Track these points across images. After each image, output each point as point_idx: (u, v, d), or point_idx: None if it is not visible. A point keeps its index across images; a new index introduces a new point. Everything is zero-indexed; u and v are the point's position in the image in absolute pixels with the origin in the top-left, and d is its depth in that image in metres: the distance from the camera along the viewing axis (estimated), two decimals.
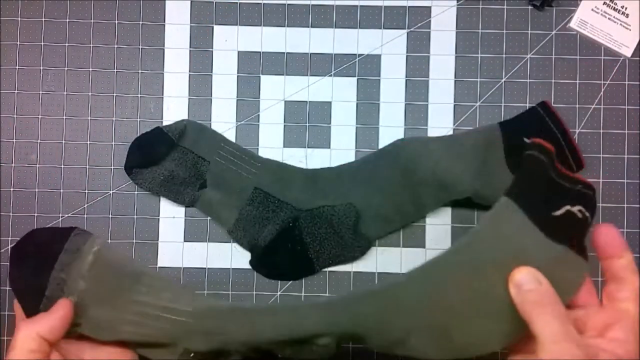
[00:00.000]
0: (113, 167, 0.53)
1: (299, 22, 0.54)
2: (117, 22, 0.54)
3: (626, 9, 0.53)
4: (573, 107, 0.53)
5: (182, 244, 0.53)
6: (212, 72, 0.53)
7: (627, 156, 0.52)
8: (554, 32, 0.53)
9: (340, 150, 0.53)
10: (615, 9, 0.53)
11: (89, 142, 0.53)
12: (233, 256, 0.52)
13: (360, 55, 0.53)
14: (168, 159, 0.51)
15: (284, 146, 0.53)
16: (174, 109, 0.53)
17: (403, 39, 0.53)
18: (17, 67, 0.53)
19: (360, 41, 0.53)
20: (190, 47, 0.54)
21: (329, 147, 0.53)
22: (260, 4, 0.54)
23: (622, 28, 0.53)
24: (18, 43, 0.53)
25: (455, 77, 0.53)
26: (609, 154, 0.52)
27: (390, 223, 0.52)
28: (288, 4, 0.54)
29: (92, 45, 0.54)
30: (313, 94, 0.53)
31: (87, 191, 0.53)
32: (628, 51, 0.53)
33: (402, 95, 0.53)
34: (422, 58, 0.53)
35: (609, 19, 0.53)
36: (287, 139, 0.53)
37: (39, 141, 0.53)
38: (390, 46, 0.53)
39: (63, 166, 0.53)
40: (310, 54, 0.53)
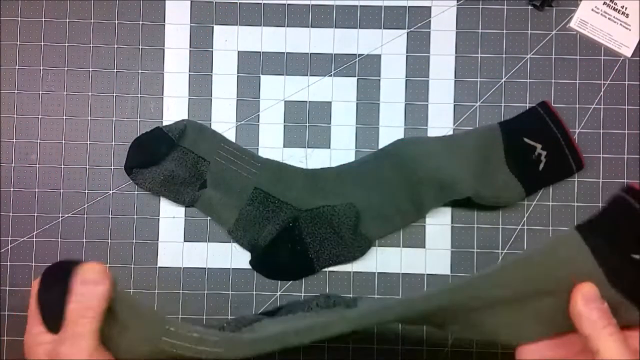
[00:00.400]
0: (113, 167, 0.53)
1: (299, 22, 0.54)
2: (117, 22, 0.54)
3: (626, 9, 0.53)
4: (573, 107, 0.53)
5: (182, 244, 0.53)
6: (212, 72, 0.53)
7: (627, 156, 0.52)
8: (554, 32, 0.53)
9: (340, 150, 0.53)
10: (615, 9, 0.53)
11: (89, 142, 0.53)
12: (233, 256, 0.52)
13: (360, 55, 0.53)
14: (168, 159, 0.51)
15: (284, 146, 0.53)
16: (174, 109, 0.53)
17: (403, 39, 0.53)
18: (17, 67, 0.53)
19: (360, 41, 0.53)
20: (190, 47, 0.54)
21: (329, 147, 0.53)
22: (260, 4, 0.54)
23: (622, 28, 0.53)
24: (18, 43, 0.53)
25: (455, 77, 0.53)
26: (609, 154, 0.52)
27: (390, 223, 0.52)
28: (288, 4, 0.54)
29: (92, 45, 0.54)
30: (313, 94, 0.53)
31: (87, 191, 0.53)
32: (628, 51, 0.53)
33: (402, 95, 0.53)
34: (422, 58, 0.53)
35: (609, 19, 0.53)
36: (287, 139, 0.53)
37: (39, 141, 0.53)
38: (390, 46, 0.53)
39: (63, 166, 0.53)
40: (310, 54, 0.53)
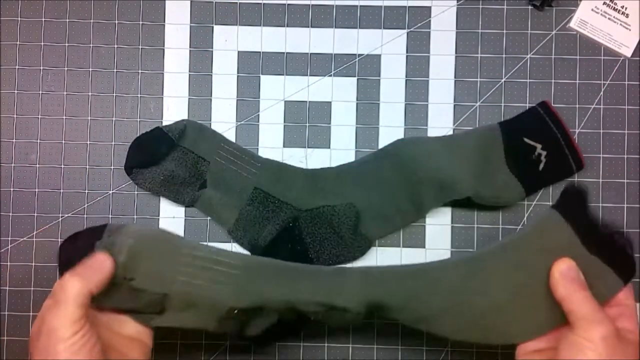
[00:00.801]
0: (113, 167, 0.53)
1: (299, 22, 0.54)
2: (117, 22, 0.54)
3: (626, 9, 0.53)
4: (573, 107, 0.53)
5: None
6: (212, 72, 0.53)
7: (627, 156, 0.52)
8: (554, 32, 0.53)
9: (340, 150, 0.53)
10: (615, 9, 0.53)
11: (89, 142, 0.53)
12: None
13: (360, 55, 0.53)
14: (168, 159, 0.51)
15: (284, 146, 0.53)
16: (174, 109, 0.53)
17: (403, 39, 0.53)
18: (17, 67, 0.53)
19: (360, 41, 0.53)
20: (190, 47, 0.54)
21: (329, 147, 0.53)
22: (260, 4, 0.54)
23: (622, 28, 0.53)
24: (18, 43, 0.53)
25: (455, 77, 0.53)
26: (609, 154, 0.52)
27: (390, 223, 0.52)
28: (288, 4, 0.54)
29: (92, 45, 0.54)
30: (313, 94, 0.53)
31: (87, 191, 0.53)
32: (628, 51, 0.53)
33: (402, 95, 0.53)
34: (422, 58, 0.53)
35: (609, 19, 0.53)
36: (287, 139, 0.53)
37: (39, 141, 0.53)
38: (390, 46, 0.53)
39: (63, 166, 0.53)
40: (310, 54, 0.53)
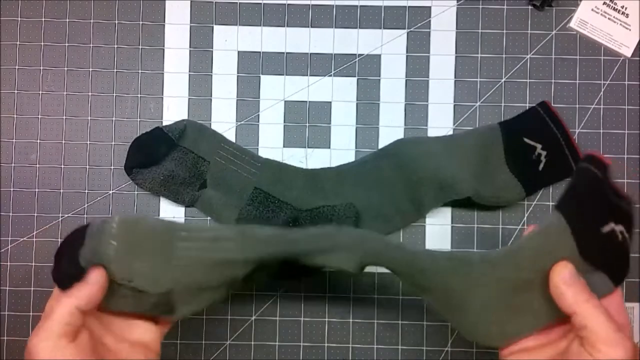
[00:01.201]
0: (113, 167, 0.53)
1: (299, 22, 0.54)
2: (117, 22, 0.54)
3: (626, 9, 0.53)
4: (573, 107, 0.53)
5: None
6: (212, 72, 0.53)
7: (627, 156, 0.52)
8: (554, 32, 0.53)
9: (340, 150, 0.53)
10: (615, 9, 0.53)
11: (89, 142, 0.53)
12: None
13: (360, 55, 0.53)
14: (168, 159, 0.51)
15: (284, 146, 0.53)
16: (174, 109, 0.53)
17: (403, 39, 0.53)
18: (17, 67, 0.53)
19: (360, 41, 0.53)
20: (190, 47, 0.54)
21: (329, 147, 0.53)
22: (260, 4, 0.54)
23: (622, 28, 0.53)
24: (18, 43, 0.53)
25: (455, 77, 0.53)
26: (609, 154, 0.52)
27: (390, 223, 0.52)
28: (288, 4, 0.54)
29: (92, 45, 0.54)
30: (313, 94, 0.53)
31: (87, 191, 0.53)
32: (628, 51, 0.53)
33: (402, 95, 0.53)
34: (422, 58, 0.53)
35: (609, 19, 0.53)
36: (287, 139, 0.53)
37: (39, 141, 0.53)
38: (390, 46, 0.53)
39: (63, 166, 0.53)
40: (310, 54, 0.53)
